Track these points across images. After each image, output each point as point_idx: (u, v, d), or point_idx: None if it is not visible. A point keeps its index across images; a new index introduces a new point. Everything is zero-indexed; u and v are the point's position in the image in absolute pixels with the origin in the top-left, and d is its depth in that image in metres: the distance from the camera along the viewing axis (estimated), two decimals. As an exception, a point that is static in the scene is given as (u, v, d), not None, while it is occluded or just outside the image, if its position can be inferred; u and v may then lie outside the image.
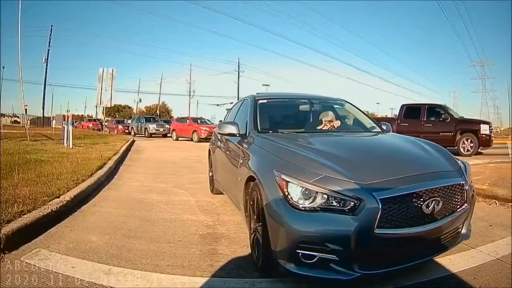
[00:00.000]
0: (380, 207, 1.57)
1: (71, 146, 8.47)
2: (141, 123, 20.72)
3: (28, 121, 27.42)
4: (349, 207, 1.60)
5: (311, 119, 3.10)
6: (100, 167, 5.12)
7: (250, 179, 2.13)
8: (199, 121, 17.93)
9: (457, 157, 2.30)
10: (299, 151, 2.02)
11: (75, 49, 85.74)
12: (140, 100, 43.64)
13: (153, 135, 19.58)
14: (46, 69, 23.68)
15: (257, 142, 2.42)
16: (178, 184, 4.70)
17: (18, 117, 40.35)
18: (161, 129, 20.02)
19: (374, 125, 3.05)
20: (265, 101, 3.04)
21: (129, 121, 25.95)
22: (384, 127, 2.96)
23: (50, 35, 26.51)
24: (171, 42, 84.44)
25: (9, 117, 36.94)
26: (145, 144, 13.16)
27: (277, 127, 2.74)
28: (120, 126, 23.46)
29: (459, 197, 1.89)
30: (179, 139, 17.09)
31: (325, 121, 2.94)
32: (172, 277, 1.87)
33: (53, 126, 16.97)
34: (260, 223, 1.89)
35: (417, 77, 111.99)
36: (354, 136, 2.84)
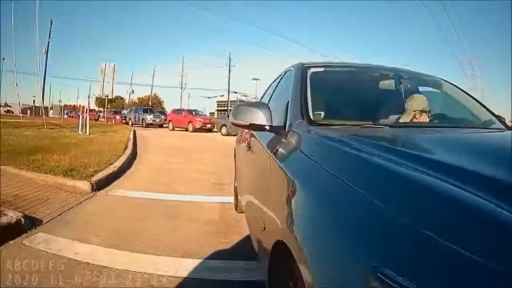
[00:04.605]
0: None
1: (87, 133, 9.81)
2: (139, 114, 22.00)
3: (29, 111, 28.26)
4: None
5: (394, 104, 1.76)
6: (126, 148, 6.64)
7: (281, 244, 0.90)
8: (193, 113, 19.47)
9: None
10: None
11: (67, 41, 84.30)
12: (133, 91, 44.34)
13: (149, 125, 20.91)
14: (46, 60, 24.28)
15: (307, 147, 1.12)
16: (187, 160, 6.28)
17: (10, 106, 40.70)
18: (158, 120, 21.45)
19: (491, 117, 1.79)
20: (321, 69, 1.85)
21: (125, 112, 27.03)
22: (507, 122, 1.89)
23: (51, 28, 27.05)
24: (163, 35, 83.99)
25: (2, 107, 37.25)
26: (146, 133, 14.51)
27: (342, 117, 1.55)
28: (117, 117, 24.53)
29: None
30: (175, 129, 18.52)
31: (414, 110, 1.66)
32: (199, 196, 3.55)
33: (62, 115, 18.04)
34: None
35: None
36: (473, 137, 1.35)
